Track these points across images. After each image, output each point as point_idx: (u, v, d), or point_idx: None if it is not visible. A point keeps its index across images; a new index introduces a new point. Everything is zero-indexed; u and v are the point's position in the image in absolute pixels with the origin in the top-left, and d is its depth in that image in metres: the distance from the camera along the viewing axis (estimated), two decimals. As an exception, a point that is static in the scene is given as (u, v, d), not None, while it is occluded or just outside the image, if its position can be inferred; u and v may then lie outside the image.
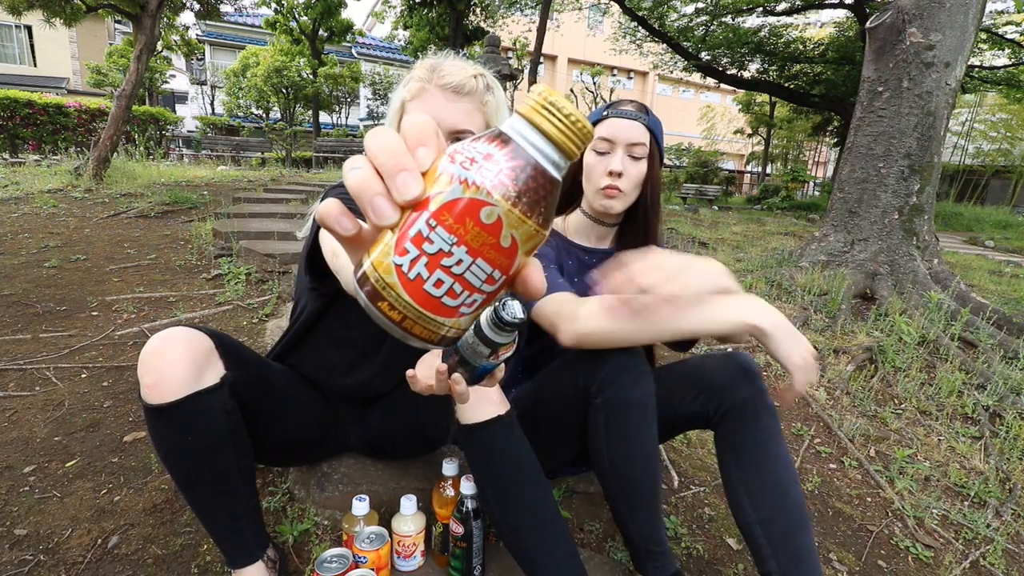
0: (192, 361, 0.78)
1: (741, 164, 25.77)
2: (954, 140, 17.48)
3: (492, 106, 0.89)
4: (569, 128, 0.26)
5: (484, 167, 0.26)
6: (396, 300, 0.27)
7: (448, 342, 0.30)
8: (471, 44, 16.29)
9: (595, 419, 0.93)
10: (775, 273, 3.73)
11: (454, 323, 0.29)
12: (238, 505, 0.88)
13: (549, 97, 0.26)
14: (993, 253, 7.94)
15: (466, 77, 0.85)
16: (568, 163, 0.28)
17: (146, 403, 0.77)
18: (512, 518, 0.89)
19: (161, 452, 0.82)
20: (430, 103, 0.84)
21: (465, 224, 0.25)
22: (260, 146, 12.18)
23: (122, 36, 18.11)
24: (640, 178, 1.06)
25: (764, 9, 11.51)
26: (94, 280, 2.70)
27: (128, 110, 5.27)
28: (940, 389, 2.33)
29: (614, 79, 25.91)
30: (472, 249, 0.26)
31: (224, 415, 0.82)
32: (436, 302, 0.27)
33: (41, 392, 1.64)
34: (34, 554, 1.03)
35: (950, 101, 3.59)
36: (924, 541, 1.43)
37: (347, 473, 1.18)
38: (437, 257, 0.26)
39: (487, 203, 0.25)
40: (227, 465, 0.84)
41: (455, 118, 0.84)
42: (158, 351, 0.77)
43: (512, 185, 0.26)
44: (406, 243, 0.26)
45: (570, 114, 0.26)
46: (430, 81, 0.86)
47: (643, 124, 1.05)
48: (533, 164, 0.26)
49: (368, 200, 0.26)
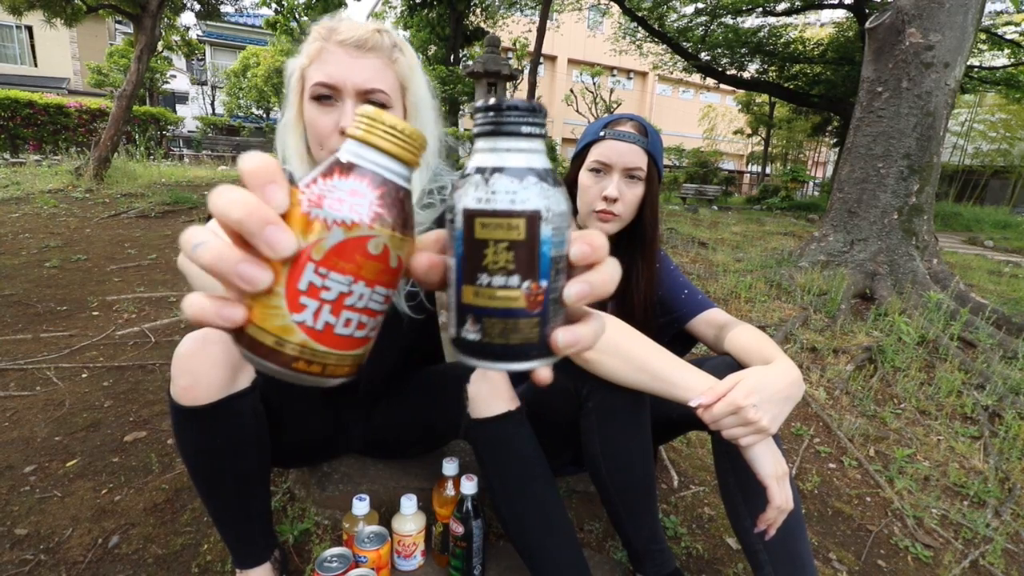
0: (229, 364, 0.77)
1: (741, 164, 25.77)
2: (953, 140, 17.48)
3: (404, 65, 0.80)
4: (403, 140, 0.27)
5: (354, 203, 0.26)
6: (313, 355, 0.26)
7: (362, 367, 0.30)
8: (471, 44, 16.29)
9: (587, 423, 0.93)
10: (775, 273, 3.73)
11: (365, 349, 0.29)
12: (254, 507, 0.88)
13: (378, 117, 0.27)
14: (992, 253, 7.95)
15: (368, 32, 0.77)
16: (412, 171, 0.29)
17: (178, 404, 0.76)
18: (518, 513, 0.89)
19: (187, 452, 0.81)
20: (331, 62, 0.75)
21: (357, 262, 0.26)
22: (260, 146, 12.18)
23: (122, 36, 18.12)
24: (637, 201, 1.04)
25: (764, 9, 11.52)
26: (95, 280, 2.70)
27: (128, 110, 5.28)
28: (939, 389, 2.33)
29: (614, 79, 25.91)
30: (369, 281, 0.27)
31: (253, 418, 0.82)
32: (349, 339, 0.27)
33: (42, 392, 1.64)
34: (34, 554, 1.04)
35: (949, 101, 3.59)
36: (923, 541, 1.43)
37: (347, 473, 1.18)
38: (339, 300, 0.26)
39: (371, 236, 0.26)
40: (250, 468, 0.84)
41: (364, 75, 0.76)
42: (194, 353, 0.75)
43: (385, 211, 0.26)
44: (301, 299, 0.25)
45: (399, 127, 0.27)
46: (328, 40, 0.77)
47: (642, 147, 1.02)
48: (389, 184, 0.27)
49: (233, 272, 0.24)
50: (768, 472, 0.80)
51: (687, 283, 1.16)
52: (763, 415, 0.77)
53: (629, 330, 0.86)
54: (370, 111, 0.27)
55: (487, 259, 0.27)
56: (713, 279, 3.70)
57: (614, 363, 0.84)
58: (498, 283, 0.27)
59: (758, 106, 19.25)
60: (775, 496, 0.80)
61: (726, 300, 3.28)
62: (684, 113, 27.48)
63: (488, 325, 0.27)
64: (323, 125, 0.77)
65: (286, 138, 0.83)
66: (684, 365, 0.83)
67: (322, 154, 0.79)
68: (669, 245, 5.11)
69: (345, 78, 0.75)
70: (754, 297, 3.31)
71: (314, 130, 0.78)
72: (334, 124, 0.76)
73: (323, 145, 0.78)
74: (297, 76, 0.80)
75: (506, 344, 0.28)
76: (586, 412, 0.92)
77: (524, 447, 0.90)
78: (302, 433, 1.02)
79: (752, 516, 0.90)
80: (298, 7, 14.86)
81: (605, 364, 0.84)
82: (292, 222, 0.25)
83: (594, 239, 0.29)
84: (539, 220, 0.26)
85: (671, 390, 0.81)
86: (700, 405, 0.78)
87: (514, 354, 0.28)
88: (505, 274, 0.27)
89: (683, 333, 1.13)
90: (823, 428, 1.99)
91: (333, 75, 0.75)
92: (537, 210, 0.26)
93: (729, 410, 0.77)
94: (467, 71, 7.53)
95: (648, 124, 1.07)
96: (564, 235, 0.28)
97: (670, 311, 1.14)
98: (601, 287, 0.28)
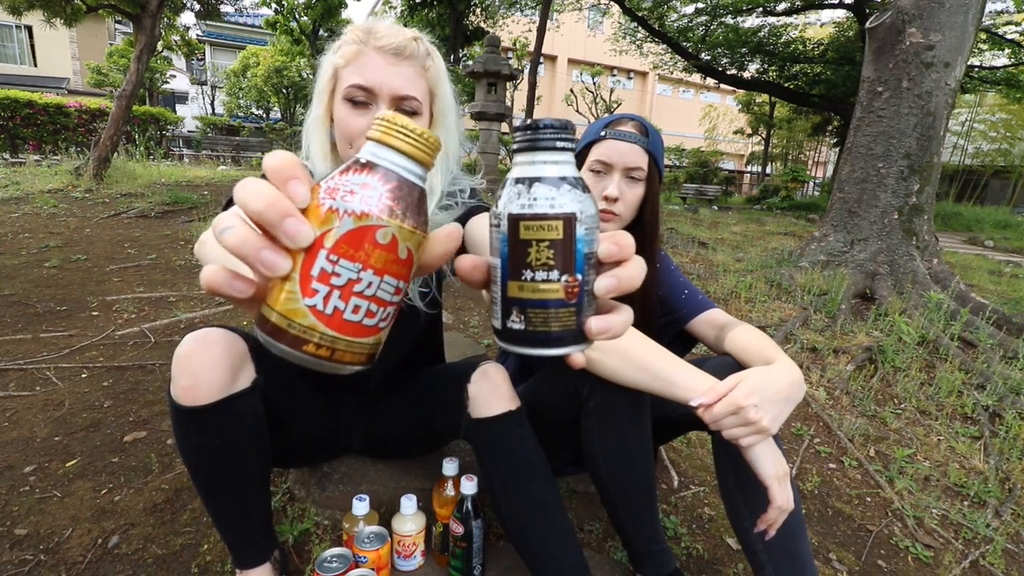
0: (229, 364, 0.77)
1: (741, 164, 25.77)
2: (954, 140, 17.49)
3: (434, 72, 0.83)
4: (420, 142, 0.30)
5: (366, 195, 0.28)
6: (321, 338, 0.28)
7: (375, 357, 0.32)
8: (471, 44, 16.29)
9: (587, 423, 0.93)
10: (775, 273, 3.73)
11: (377, 339, 0.31)
12: (254, 507, 0.88)
13: (395, 120, 0.29)
14: (993, 253, 7.95)
15: (406, 39, 0.79)
16: (426, 172, 0.31)
17: (178, 404, 0.76)
18: (519, 513, 0.89)
19: (187, 453, 0.81)
20: (369, 67, 0.77)
21: (365, 249, 0.28)
22: (260, 146, 12.19)
23: (122, 36, 18.12)
24: (637, 201, 1.04)
25: (764, 9, 11.52)
26: (94, 280, 2.70)
27: (128, 110, 5.28)
28: (940, 389, 2.33)
29: (614, 79, 25.91)
30: (377, 270, 0.28)
31: (253, 419, 0.81)
32: (358, 326, 0.29)
33: (41, 392, 1.64)
34: (34, 554, 1.04)
35: (950, 101, 3.59)
36: (924, 541, 1.43)
37: (347, 473, 1.18)
38: (348, 287, 0.28)
39: (380, 226, 0.28)
40: (250, 468, 0.84)
41: (398, 82, 0.78)
42: (195, 352, 0.75)
43: (395, 204, 0.29)
44: (312, 284, 0.27)
45: (417, 130, 0.30)
46: (366, 43, 0.78)
47: (643, 147, 1.02)
48: (403, 181, 0.29)
49: (254, 257, 0.26)
50: (769, 472, 0.79)
51: (687, 283, 1.16)
52: (764, 415, 0.77)
53: (630, 330, 0.86)
54: (388, 115, 0.30)
55: (530, 257, 0.31)
56: (713, 279, 3.70)
57: (615, 363, 0.84)
58: (540, 277, 0.31)
59: (758, 106, 19.25)
60: (776, 496, 0.79)
61: (726, 300, 3.28)
62: (684, 113, 27.47)
63: (531, 315, 0.31)
64: (355, 126, 0.79)
65: (312, 134, 0.84)
66: (685, 365, 0.83)
67: (350, 152, 0.81)
68: (669, 245, 5.11)
69: (382, 84, 0.77)
70: (754, 297, 3.31)
71: (345, 130, 0.80)
72: (366, 126, 0.78)
73: (352, 145, 0.80)
74: (330, 75, 0.80)
75: (548, 332, 0.31)
76: (587, 412, 0.92)
77: (524, 447, 0.90)
78: (303, 433, 1.02)
79: (752, 516, 0.90)
80: (298, 7, 14.86)
81: (606, 364, 0.84)
82: (310, 215, 0.28)
83: (621, 239, 0.32)
84: (575, 221, 0.30)
85: (672, 390, 0.81)
86: (701, 405, 0.78)
87: (554, 340, 0.31)
88: (546, 269, 0.30)
89: (683, 333, 1.13)
90: (823, 428, 1.99)
91: (371, 79, 0.77)
92: (573, 212, 0.30)
93: (730, 410, 0.76)
94: (467, 71, 7.53)
95: (649, 124, 1.06)
96: (595, 234, 0.32)
97: (670, 311, 1.13)
98: (628, 281, 0.32)
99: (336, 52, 0.80)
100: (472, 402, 0.90)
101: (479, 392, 0.91)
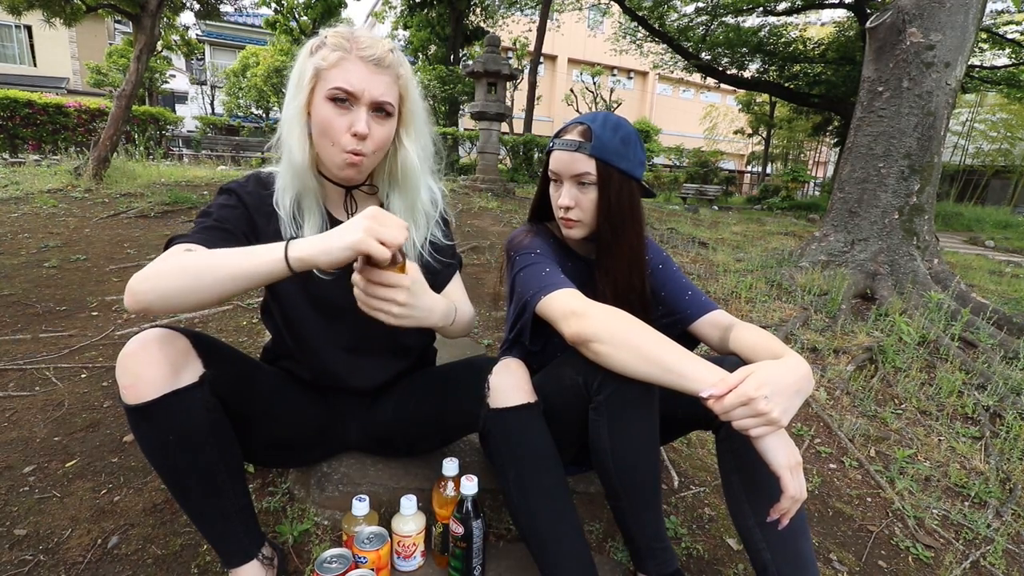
0: (168, 361, 0.79)
1: (741, 164, 25.77)
2: (954, 140, 17.50)
3: (405, 79, 0.94)
4: None
5: None
6: None
7: None
8: (471, 44, 16.28)
9: (596, 416, 0.93)
10: (775, 273, 3.73)
11: None
12: (227, 504, 0.89)
13: None
14: (993, 253, 7.95)
15: (384, 51, 0.90)
16: None
17: (126, 404, 0.79)
18: (531, 503, 0.91)
19: (146, 452, 0.83)
20: (353, 73, 0.87)
21: None
22: (260, 146, 12.17)
23: (122, 36, 18.11)
24: (593, 205, 1.05)
25: (764, 9, 11.52)
26: (94, 280, 2.70)
27: (128, 110, 5.27)
28: (940, 389, 2.33)
29: (614, 79, 25.91)
30: None
31: (205, 413, 0.83)
32: None
33: (41, 392, 1.64)
34: (34, 554, 1.03)
35: (950, 101, 3.59)
36: (924, 541, 1.43)
37: (347, 473, 1.18)
38: None
39: None
40: (211, 463, 0.85)
41: (379, 89, 0.89)
42: (134, 353, 0.79)
43: None
44: None
45: None
46: (350, 52, 0.88)
47: (585, 153, 1.01)
48: None
49: None
50: (781, 462, 0.79)
51: (690, 284, 1.16)
52: (774, 407, 0.77)
53: (638, 323, 0.87)
54: None
55: None
56: (713, 279, 3.69)
57: (624, 356, 0.84)
58: None
59: (759, 106, 19.26)
60: (789, 486, 0.79)
61: (727, 300, 3.27)
62: (685, 113, 27.48)
63: None
64: (338, 125, 0.88)
65: (291, 127, 0.91)
66: (694, 357, 0.83)
67: (328, 146, 0.90)
68: (669, 245, 5.10)
69: (363, 90, 0.88)
70: (755, 297, 3.31)
71: (326, 126, 0.89)
72: (347, 125, 0.88)
73: (334, 142, 0.89)
74: (312, 74, 0.89)
75: None
76: (596, 405, 0.92)
77: (539, 440, 0.93)
78: (283, 431, 1.03)
79: (757, 515, 0.90)
80: (298, 7, 14.87)
81: (615, 357, 0.85)
82: None
83: None
84: None
85: (681, 382, 0.81)
86: (711, 396, 0.78)
87: None
88: None
89: (685, 335, 1.13)
90: (824, 428, 1.99)
91: (355, 85, 0.87)
92: None
93: (740, 401, 0.76)
94: (467, 71, 7.53)
95: (603, 125, 1.03)
96: None
97: (674, 312, 1.13)
98: None
99: (316, 54, 0.89)
100: (493, 392, 0.93)
101: (500, 383, 0.94)
